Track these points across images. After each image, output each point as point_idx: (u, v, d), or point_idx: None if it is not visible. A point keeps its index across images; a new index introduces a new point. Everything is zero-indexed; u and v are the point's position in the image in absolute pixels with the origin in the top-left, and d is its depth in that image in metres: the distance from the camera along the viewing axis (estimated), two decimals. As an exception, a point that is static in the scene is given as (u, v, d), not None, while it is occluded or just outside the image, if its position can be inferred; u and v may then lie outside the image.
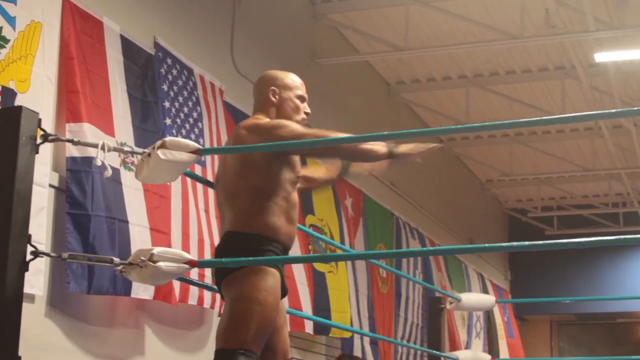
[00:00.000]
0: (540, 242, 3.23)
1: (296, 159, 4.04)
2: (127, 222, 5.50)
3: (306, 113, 4.17)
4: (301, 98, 4.14)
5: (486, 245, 7.90)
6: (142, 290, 5.53)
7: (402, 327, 10.55)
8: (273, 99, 4.09)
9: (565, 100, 10.80)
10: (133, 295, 5.50)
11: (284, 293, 3.96)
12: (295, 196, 4.00)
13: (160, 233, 5.80)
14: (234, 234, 3.87)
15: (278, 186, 3.88)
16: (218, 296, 5.52)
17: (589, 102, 10.89)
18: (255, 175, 3.88)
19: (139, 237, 5.56)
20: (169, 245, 5.72)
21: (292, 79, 4.17)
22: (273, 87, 4.11)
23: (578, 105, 11.32)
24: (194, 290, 6.13)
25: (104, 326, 5.56)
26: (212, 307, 6.42)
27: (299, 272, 7.80)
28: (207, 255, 6.25)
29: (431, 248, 11.35)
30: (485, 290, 13.64)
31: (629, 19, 8.70)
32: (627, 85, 10.73)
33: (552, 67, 10.69)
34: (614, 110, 3.33)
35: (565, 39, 9.31)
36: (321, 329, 8.33)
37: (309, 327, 7.84)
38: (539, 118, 3.33)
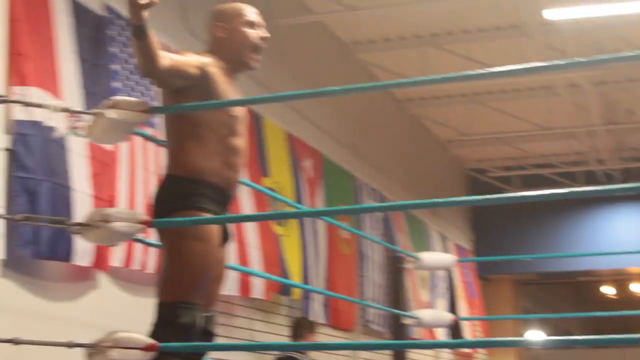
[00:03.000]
0: (498, 195, 3.25)
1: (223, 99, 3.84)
2: (69, 188, 5.45)
3: (262, 38, 4.02)
4: (250, 24, 4.02)
5: (445, 200, 7.92)
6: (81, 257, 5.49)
7: (368, 288, 10.59)
8: (220, 34, 3.97)
9: (521, 60, 10.76)
10: (74, 261, 5.45)
11: (225, 239, 3.91)
12: (235, 142, 3.87)
13: (102, 201, 5.71)
14: (166, 177, 3.85)
15: (203, 128, 3.77)
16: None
17: (545, 61, 10.87)
18: (179, 118, 3.81)
19: (81, 204, 5.48)
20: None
21: (235, 8, 4.04)
22: (217, 23, 4.02)
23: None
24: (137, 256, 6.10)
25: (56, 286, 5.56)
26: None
27: (252, 235, 7.80)
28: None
29: (385, 204, 11.37)
30: (447, 251, 13.70)
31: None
32: (581, 42, 10.74)
33: (506, 25, 10.65)
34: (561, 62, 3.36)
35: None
36: (283, 291, 8.38)
37: (256, 292, 7.82)
38: (483, 71, 3.33)
